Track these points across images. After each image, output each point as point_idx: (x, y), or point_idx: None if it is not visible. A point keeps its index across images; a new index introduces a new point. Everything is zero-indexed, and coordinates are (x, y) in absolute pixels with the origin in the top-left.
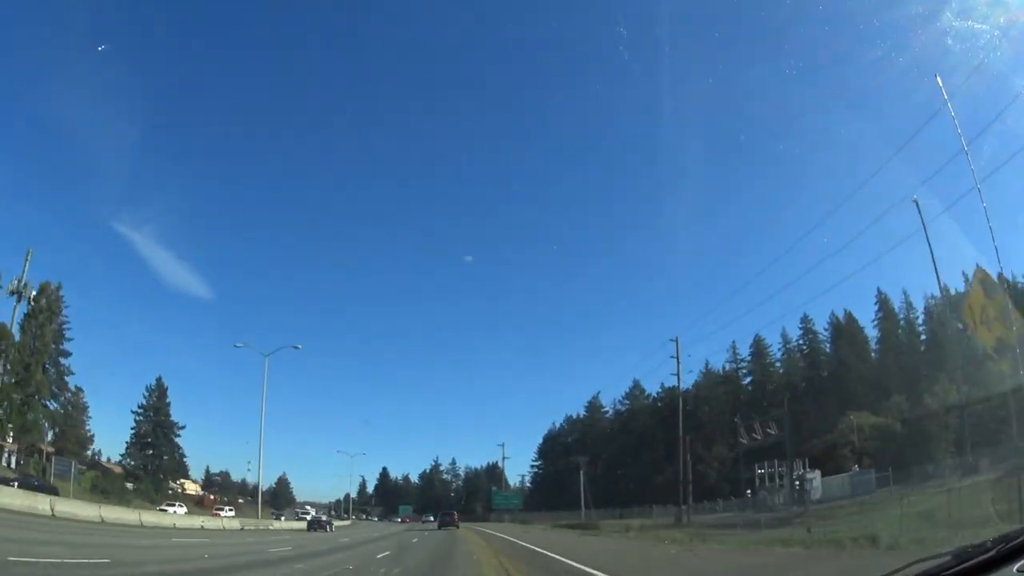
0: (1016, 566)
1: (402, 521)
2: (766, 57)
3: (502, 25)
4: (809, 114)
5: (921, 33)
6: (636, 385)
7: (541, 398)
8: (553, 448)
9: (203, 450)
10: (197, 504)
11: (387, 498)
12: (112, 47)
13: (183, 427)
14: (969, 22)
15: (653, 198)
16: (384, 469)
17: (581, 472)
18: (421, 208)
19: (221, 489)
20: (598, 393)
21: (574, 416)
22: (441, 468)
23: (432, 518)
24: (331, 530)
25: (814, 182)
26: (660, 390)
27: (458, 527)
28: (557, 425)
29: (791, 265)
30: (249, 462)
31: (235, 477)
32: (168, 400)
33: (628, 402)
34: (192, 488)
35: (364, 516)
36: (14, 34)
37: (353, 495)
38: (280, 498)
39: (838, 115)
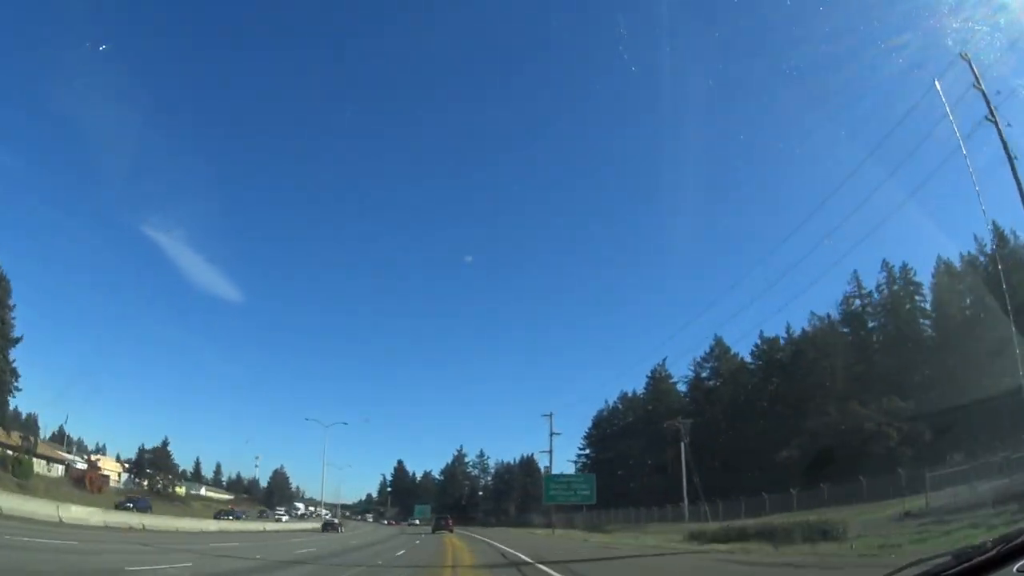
0: (1016, 566)
1: (389, 524)
2: (765, 56)
3: (502, 29)
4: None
5: (921, 32)
6: (718, 343)
7: (582, 381)
8: (607, 433)
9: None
10: (77, 482)
11: (403, 497)
12: (140, 51)
13: (19, 339)
14: (969, 22)
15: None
16: (399, 463)
17: (683, 445)
18: (432, 202)
19: (156, 469)
20: (664, 360)
21: (630, 393)
22: (467, 461)
23: (417, 521)
24: (342, 531)
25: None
26: (759, 342)
27: (452, 531)
28: (609, 404)
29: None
30: (258, 457)
31: (226, 472)
32: (12, 303)
33: (713, 362)
34: (113, 467)
35: (359, 517)
36: (40, 37)
37: (374, 494)
38: (276, 495)
39: (837, 113)
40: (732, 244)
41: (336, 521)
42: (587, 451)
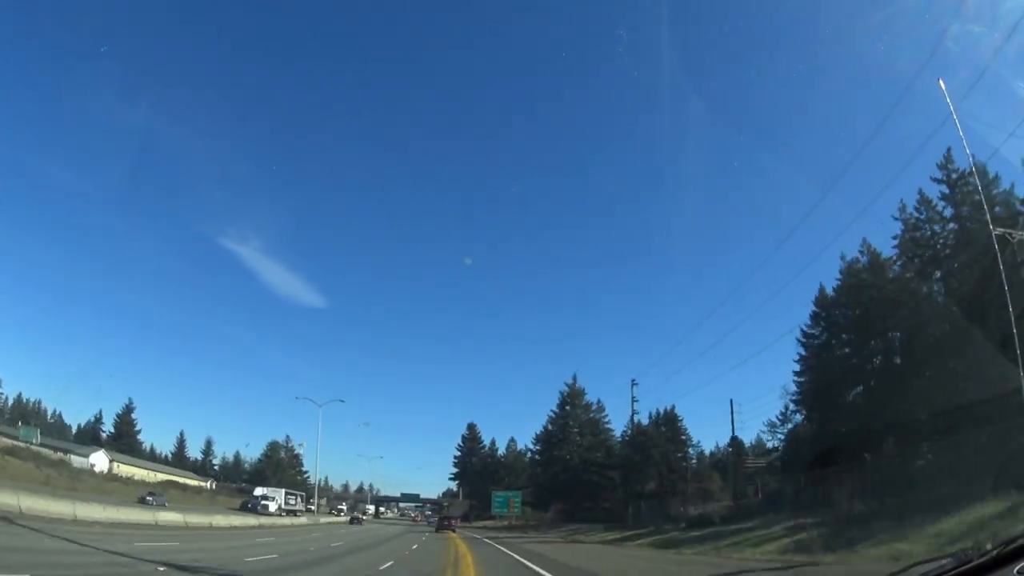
0: (1016, 567)
1: (415, 522)
2: (767, 59)
3: (504, 32)
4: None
5: (923, 36)
6: None
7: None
8: (837, 321)
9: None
10: None
11: (475, 482)
12: (210, 64)
13: None
14: (971, 26)
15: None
16: (471, 429)
17: None
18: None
19: None
20: (973, 163)
21: (857, 263)
22: (586, 404)
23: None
24: (361, 525)
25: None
26: None
27: (455, 531)
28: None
29: None
30: (301, 444)
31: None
32: None
33: None
34: None
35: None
36: (112, 49)
37: (455, 487)
38: (270, 479)
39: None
40: None
41: (361, 516)
42: (805, 379)
